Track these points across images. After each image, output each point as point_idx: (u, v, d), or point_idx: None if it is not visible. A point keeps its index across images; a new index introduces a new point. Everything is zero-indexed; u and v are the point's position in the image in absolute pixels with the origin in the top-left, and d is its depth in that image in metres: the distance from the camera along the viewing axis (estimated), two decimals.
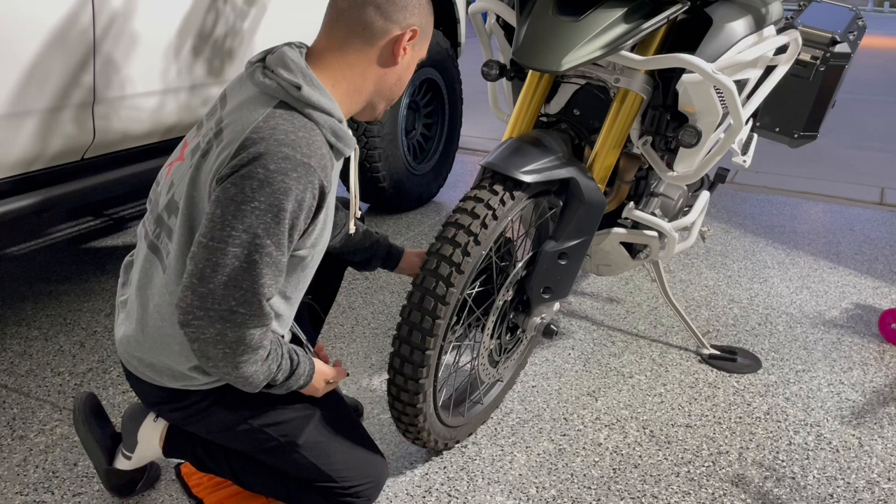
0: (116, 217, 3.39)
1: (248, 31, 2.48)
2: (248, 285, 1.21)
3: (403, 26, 1.32)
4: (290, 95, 1.26)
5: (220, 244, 1.19)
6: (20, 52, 1.86)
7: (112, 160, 2.25)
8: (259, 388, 1.34)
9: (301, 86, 1.26)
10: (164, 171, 1.45)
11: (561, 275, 1.79)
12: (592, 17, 1.68)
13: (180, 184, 1.33)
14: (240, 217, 1.18)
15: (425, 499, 1.76)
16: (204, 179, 1.26)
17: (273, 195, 1.18)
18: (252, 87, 1.30)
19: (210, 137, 1.30)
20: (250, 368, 1.27)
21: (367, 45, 1.32)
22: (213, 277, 1.19)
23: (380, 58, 1.34)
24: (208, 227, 1.20)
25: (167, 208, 1.36)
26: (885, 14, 23.69)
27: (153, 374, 1.42)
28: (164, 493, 1.74)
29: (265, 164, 1.18)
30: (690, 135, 1.80)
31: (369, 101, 1.40)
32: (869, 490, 1.85)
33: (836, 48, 2.56)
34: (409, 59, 1.38)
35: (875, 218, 3.90)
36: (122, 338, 1.44)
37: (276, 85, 1.26)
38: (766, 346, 2.52)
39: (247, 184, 1.18)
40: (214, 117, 1.35)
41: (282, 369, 1.35)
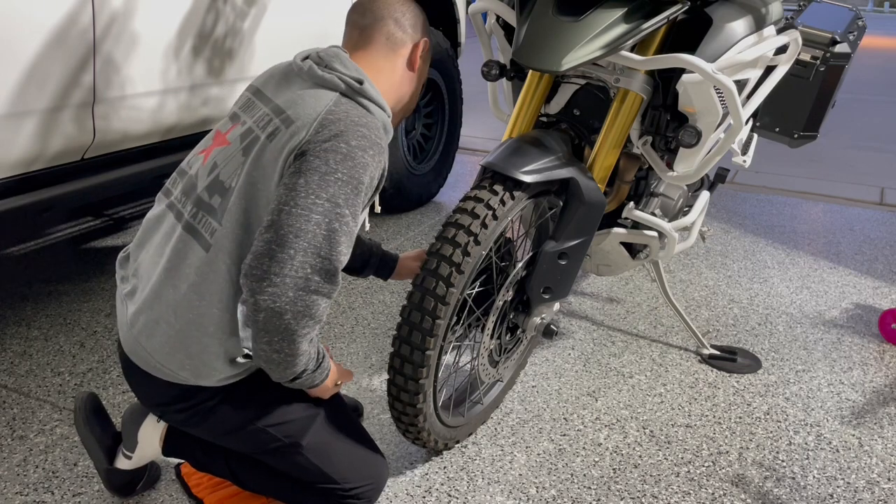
0: (116, 217, 3.40)
1: (248, 31, 2.48)
2: (326, 252, 1.25)
3: (417, 38, 1.49)
4: (352, 89, 1.36)
5: (305, 211, 1.23)
6: (20, 52, 1.86)
7: (112, 160, 2.25)
8: (292, 376, 1.33)
9: (363, 81, 1.37)
10: (195, 159, 1.46)
11: (561, 275, 1.79)
12: (592, 18, 1.68)
13: (229, 165, 1.36)
14: (324, 186, 1.24)
15: (425, 499, 1.76)
16: (273, 158, 1.30)
17: (354, 168, 1.27)
18: (307, 80, 1.38)
19: (274, 121, 1.34)
20: (304, 346, 1.28)
21: (393, 52, 1.45)
22: (295, 243, 1.22)
23: (403, 66, 1.49)
24: (291, 196, 1.24)
25: (209, 189, 1.38)
26: (885, 14, 23.70)
27: (172, 365, 1.38)
28: (164, 493, 1.74)
29: (347, 140, 1.27)
30: (690, 135, 1.80)
31: (397, 109, 1.52)
32: (869, 490, 1.85)
33: (836, 48, 2.56)
34: (421, 71, 1.52)
35: (875, 218, 3.91)
36: (141, 327, 1.40)
37: (336, 79, 1.35)
38: (766, 346, 2.52)
39: (331, 156, 1.26)
40: (261, 107, 1.40)
41: (312, 358, 1.36)
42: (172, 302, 1.37)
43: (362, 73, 1.40)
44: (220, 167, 1.38)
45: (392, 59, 1.47)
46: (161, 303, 1.38)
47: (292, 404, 1.48)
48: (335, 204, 1.25)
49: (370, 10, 1.47)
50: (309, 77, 1.38)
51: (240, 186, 1.33)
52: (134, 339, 1.42)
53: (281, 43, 2.64)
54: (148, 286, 1.41)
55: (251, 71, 2.55)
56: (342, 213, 1.26)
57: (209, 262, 1.35)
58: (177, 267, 1.38)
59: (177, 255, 1.38)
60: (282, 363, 1.31)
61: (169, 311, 1.38)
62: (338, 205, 1.25)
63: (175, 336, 1.37)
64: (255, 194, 1.32)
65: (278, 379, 1.36)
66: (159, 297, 1.39)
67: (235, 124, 1.42)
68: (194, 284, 1.36)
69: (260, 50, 2.55)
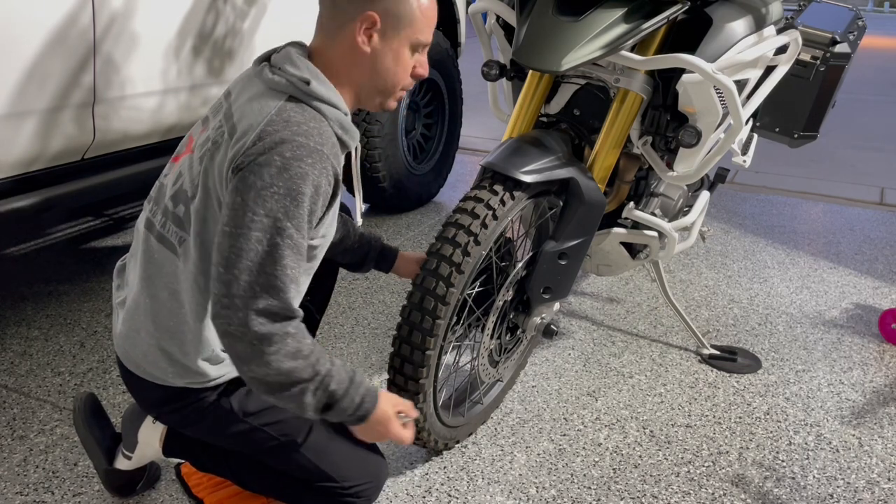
0: (116, 217, 3.39)
1: (248, 31, 2.48)
2: (271, 269, 1.21)
3: (359, 14, 1.32)
4: (299, 90, 1.30)
5: (243, 230, 1.21)
6: (20, 52, 1.86)
7: (112, 160, 2.25)
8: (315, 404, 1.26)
9: (310, 81, 1.31)
10: (169, 167, 1.47)
11: (561, 275, 1.79)
12: (592, 18, 1.68)
13: (189, 173, 1.36)
14: (260, 202, 1.21)
15: (425, 499, 1.76)
16: (218, 170, 1.29)
17: (291, 180, 1.22)
18: (260, 84, 1.34)
19: (222, 129, 1.33)
20: (286, 363, 1.21)
21: (342, 31, 1.34)
22: (237, 263, 1.20)
23: (351, 45, 1.34)
24: (230, 216, 1.22)
25: (174, 198, 1.38)
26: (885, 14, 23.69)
27: (157, 371, 1.41)
28: (164, 493, 1.74)
29: (281, 152, 1.22)
30: (690, 135, 1.80)
31: (363, 92, 1.40)
32: (869, 490, 1.85)
33: (836, 48, 2.56)
34: (383, 48, 1.35)
35: (875, 218, 3.90)
36: (125, 335, 1.44)
37: (284, 81, 1.31)
38: (766, 346, 2.52)
39: (265, 171, 1.21)
40: (222, 111, 1.38)
41: (334, 377, 1.27)
42: (150, 311, 1.39)
43: (312, 71, 1.32)
44: (184, 176, 1.38)
45: (342, 40, 1.34)
46: (140, 312, 1.41)
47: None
48: (274, 219, 1.21)
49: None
50: (261, 81, 1.34)
51: (198, 198, 1.33)
52: (122, 347, 1.45)
53: (281, 43, 2.64)
54: (131, 298, 1.44)
55: None
56: (283, 227, 1.21)
57: (182, 270, 1.36)
58: (153, 277, 1.39)
59: (151, 264, 1.40)
60: (273, 386, 1.23)
61: (148, 320, 1.40)
62: (277, 219, 1.21)
63: (155, 345, 1.40)
64: (209, 205, 1.32)
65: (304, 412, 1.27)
66: (138, 307, 1.41)
67: (204, 129, 1.42)
68: (175, 292, 1.38)
69: (260, 50, 2.55)
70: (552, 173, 1.70)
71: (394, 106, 1.45)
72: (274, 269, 1.21)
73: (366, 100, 1.42)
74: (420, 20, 1.36)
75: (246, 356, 1.21)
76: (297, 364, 1.23)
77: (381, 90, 1.41)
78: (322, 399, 1.27)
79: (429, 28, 1.38)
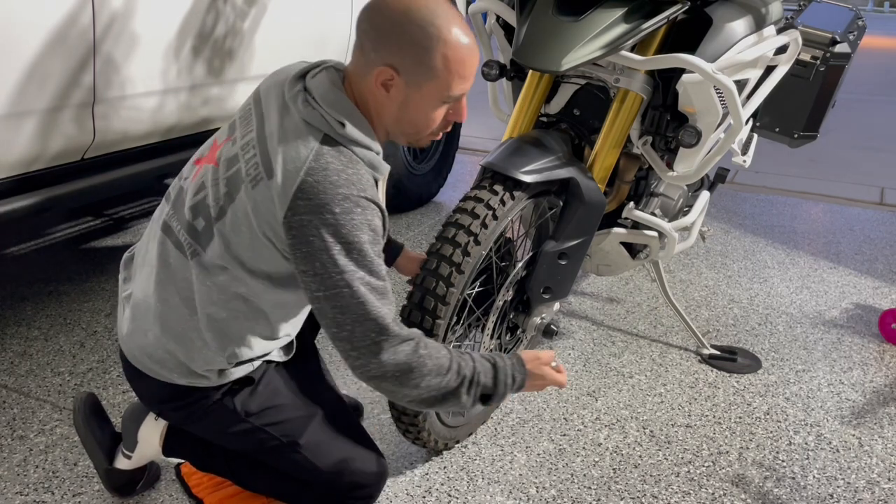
0: (116, 217, 3.39)
1: (248, 31, 2.48)
2: (372, 313, 1.28)
3: (379, 63, 1.29)
4: (335, 131, 1.30)
5: (332, 291, 1.26)
6: (20, 52, 1.85)
7: (112, 160, 2.25)
8: (473, 401, 1.38)
9: (345, 124, 1.30)
10: (190, 169, 1.45)
11: (561, 275, 1.79)
12: (592, 17, 1.68)
13: (213, 190, 1.35)
14: (332, 263, 1.26)
15: (425, 499, 1.76)
16: (263, 210, 1.29)
17: (349, 234, 1.26)
18: (296, 115, 1.32)
19: (255, 162, 1.31)
20: (433, 381, 1.32)
21: (368, 73, 1.31)
22: (345, 321, 1.28)
23: (374, 90, 1.32)
24: (315, 281, 1.27)
25: (193, 209, 1.37)
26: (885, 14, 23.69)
27: (162, 370, 1.41)
28: (164, 493, 1.74)
29: (331, 210, 1.24)
30: (690, 135, 1.80)
31: (391, 130, 1.39)
32: (869, 490, 1.85)
33: (836, 48, 2.56)
34: (405, 99, 1.32)
35: (875, 218, 3.90)
36: (131, 334, 1.43)
37: (320, 118, 1.30)
38: (766, 346, 2.52)
39: (321, 233, 1.25)
40: (252, 129, 1.36)
41: (480, 372, 1.38)
42: (160, 315, 1.39)
43: (347, 109, 1.31)
44: (207, 190, 1.37)
45: (367, 83, 1.32)
46: (150, 314, 1.41)
47: (289, 406, 1.49)
48: (352, 273, 1.27)
49: (359, 16, 1.33)
50: (296, 110, 1.31)
51: (227, 222, 1.33)
52: (128, 344, 1.45)
53: (281, 43, 2.64)
54: (140, 296, 1.44)
55: (251, 71, 2.55)
56: (360, 277, 1.27)
57: (197, 281, 1.36)
58: (165, 281, 1.39)
59: (166, 268, 1.39)
60: (431, 402, 1.35)
61: (156, 323, 1.40)
62: (352, 272, 1.27)
63: (162, 347, 1.40)
64: (239, 231, 1.32)
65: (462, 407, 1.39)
66: (148, 309, 1.41)
67: (230, 138, 1.40)
68: (187, 299, 1.38)
69: (260, 50, 2.55)
70: (552, 173, 1.70)
71: (425, 144, 1.44)
72: (372, 313, 1.28)
73: (394, 137, 1.41)
74: (447, 76, 1.30)
75: (397, 389, 1.32)
76: (443, 379, 1.33)
77: (408, 134, 1.40)
78: (477, 394, 1.38)
79: (461, 82, 1.32)
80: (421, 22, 1.27)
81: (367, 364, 1.30)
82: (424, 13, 1.27)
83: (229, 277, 1.35)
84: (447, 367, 1.34)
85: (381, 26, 1.28)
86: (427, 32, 1.27)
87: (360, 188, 1.27)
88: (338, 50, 2.93)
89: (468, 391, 1.37)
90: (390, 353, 1.29)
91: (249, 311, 1.39)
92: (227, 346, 1.39)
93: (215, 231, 1.34)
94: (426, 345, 1.33)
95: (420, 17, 1.27)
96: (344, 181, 1.26)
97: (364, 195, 1.28)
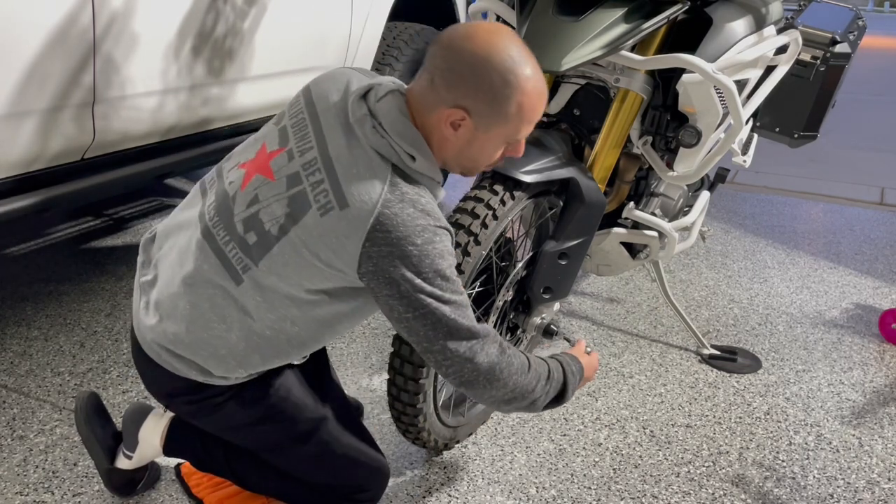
0: (116, 217, 3.39)
1: (248, 31, 2.48)
2: (463, 325, 1.34)
3: (451, 103, 1.29)
4: (404, 163, 1.31)
5: (422, 310, 1.31)
6: (20, 52, 1.85)
7: (112, 160, 2.25)
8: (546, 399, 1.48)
9: (416, 158, 1.31)
10: (235, 172, 1.41)
11: (561, 275, 1.79)
12: (592, 17, 1.68)
13: (269, 209, 1.33)
14: (418, 289, 1.29)
15: (425, 499, 1.76)
16: (328, 239, 1.29)
17: (433, 263, 1.30)
18: (364, 140, 1.31)
19: (324, 185, 1.29)
20: (520, 379, 1.41)
21: (436, 109, 1.31)
22: (437, 336, 1.33)
23: (439, 126, 1.33)
24: (402, 304, 1.31)
25: (246, 223, 1.34)
26: (885, 14, 23.69)
27: (180, 365, 1.40)
28: (164, 493, 1.74)
29: (412, 241, 1.28)
30: (690, 135, 1.80)
31: (448, 161, 1.39)
32: (869, 490, 1.85)
33: (837, 48, 2.56)
34: (470, 139, 1.33)
35: (875, 218, 3.90)
36: (151, 328, 1.41)
37: (390, 149, 1.30)
38: (766, 346, 2.52)
39: (405, 263, 1.28)
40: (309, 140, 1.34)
41: (553, 372, 1.48)
42: (187, 318, 1.37)
43: (416, 141, 1.31)
44: (262, 205, 1.34)
45: (433, 117, 1.32)
46: (176, 314, 1.38)
47: (300, 405, 1.48)
48: (438, 297, 1.31)
49: (432, 49, 1.31)
50: (364, 136, 1.31)
51: (282, 243, 1.31)
52: (143, 333, 1.43)
53: (281, 43, 2.64)
54: (165, 290, 1.40)
55: (251, 71, 2.55)
56: (448, 299, 1.32)
57: (239, 294, 1.35)
58: (198, 285, 1.37)
59: (201, 273, 1.37)
60: (513, 401, 1.42)
61: (181, 325, 1.37)
62: (440, 294, 1.31)
63: (185, 348, 1.39)
64: (298, 256, 1.31)
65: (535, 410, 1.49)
66: (175, 308, 1.38)
67: (283, 149, 1.36)
68: (216, 307, 1.36)
69: (260, 50, 2.55)
70: (552, 173, 1.69)
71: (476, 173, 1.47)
72: (461, 324, 1.34)
73: (449, 167, 1.42)
74: (518, 122, 1.32)
75: (485, 390, 1.39)
76: (525, 377, 1.42)
77: (464, 167, 1.41)
78: (552, 394, 1.49)
79: (528, 126, 1.35)
80: (501, 69, 1.26)
81: (461, 370, 1.36)
82: (505, 60, 1.27)
83: (282, 295, 1.34)
84: (528, 365, 1.43)
85: (459, 68, 1.27)
86: (506, 80, 1.27)
87: (434, 218, 1.31)
88: (338, 50, 2.94)
89: (545, 387, 1.46)
90: (482, 355, 1.36)
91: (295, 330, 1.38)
92: (252, 362, 1.39)
93: (274, 248, 1.32)
94: (508, 344, 1.41)
95: (501, 64, 1.26)
96: (420, 213, 1.29)
97: (439, 224, 1.32)
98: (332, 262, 1.30)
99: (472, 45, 1.27)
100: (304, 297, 1.34)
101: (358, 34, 3.02)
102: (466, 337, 1.34)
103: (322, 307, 1.36)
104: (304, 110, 1.40)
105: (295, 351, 1.42)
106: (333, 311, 1.38)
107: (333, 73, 1.44)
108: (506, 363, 1.39)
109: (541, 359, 1.50)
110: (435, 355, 1.35)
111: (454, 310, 1.33)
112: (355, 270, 1.30)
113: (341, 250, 1.29)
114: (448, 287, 1.32)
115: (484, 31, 1.28)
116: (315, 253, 1.30)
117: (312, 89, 1.42)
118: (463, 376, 1.36)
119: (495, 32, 1.28)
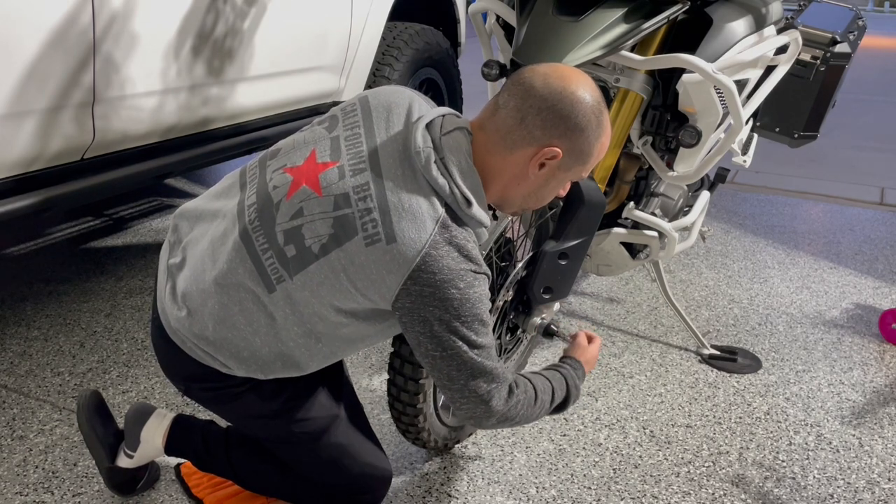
0: (116, 217, 3.39)
1: (248, 31, 2.48)
2: (487, 368, 1.36)
3: (546, 142, 1.31)
4: (460, 207, 1.31)
5: (450, 352, 1.32)
6: (20, 52, 1.86)
7: (112, 160, 2.25)
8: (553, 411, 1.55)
9: (472, 203, 1.31)
10: (279, 176, 1.37)
11: (561, 275, 1.79)
12: (592, 17, 1.68)
13: (314, 226, 1.30)
14: (452, 331, 1.31)
15: (425, 499, 1.76)
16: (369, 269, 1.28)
17: (473, 307, 1.31)
18: (421, 175, 1.29)
19: (376, 224, 1.27)
20: (528, 412, 1.45)
21: (518, 148, 1.32)
22: (459, 377, 1.35)
23: (521, 166, 1.34)
24: (432, 343, 1.32)
25: (287, 234, 1.32)
26: (885, 14, 23.69)
27: (203, 354, 1.39)
28: (164, 493, 1.74)
29: (455, 285, 1.28)
30: (690, 135, 1.80)
31: (508, 200, 1.41)
32: (869, 490, 1.85)
33: (837, 48, 2.56)
34: (549, 178, 1.36)
35: (875, 218, 3.90)
36: (176, 317, 1.40)
37: (448, 191, 1.30)
38: (766, 346, 2.52)
39: (447, 305, 1.29)
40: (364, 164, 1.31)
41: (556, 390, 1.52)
42: (216, 317, 1.36)
43: (475, 185, 1.32)
44: (306, 219, 1.31)
45: (512, 157, 1.33)
46: (205, 309, 1.37)
47: (317, 402, 1.49)
48: (471, 342, 1.32)
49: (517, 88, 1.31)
50: (423, 170, 1.28)
51: (321, 262, 1.30)
52: (169, 319, 1.42)
53: (281, 43, 2.64)
54: (195, 284, 1.39)
55: (251, 71, 2.55)
56: (479, 343, 1.33)
57: (270, 302, 1.34)
58: (230, 287, 1.35)
59: (234, 276, 1.35)
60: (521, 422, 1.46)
61: (209, 322, 1.37)
62: (473, 342, 1.32)
63: (208, 343, 1.38)
64: (339, 279, 1.30)
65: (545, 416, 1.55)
66: (204, 304, 1.37)
67: (334, 163, 1.33)
68: (246, 311, 1.35)
69: (260, 50, 2.55)
70: None
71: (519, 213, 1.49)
72: (486, 368, 1.35)
73: (505, 206, 1.43)
74: (593, 160, 1.38)
75: (493, 426, 1.43)
76: (531, 410, 1.46)
77: (523, 206, 1.43)
78: (557, 403, 1.53)
79: (596, 164, 1.41)
80: (597, 111, 1.32)
81: (474, 409, 1.38)
82: (599, 103, 1.32)
83: (312, 311, 1.33)
84: (535, 397, 1.47)
85: (560, 108, 1.29)
86: (599, 121, 1.33)
87: (478, 263, 1.32)
88: (338, 50, 2.94)
89: (548, 410, 1.51)
90: (497, 399, 1.38)
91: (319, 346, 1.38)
92: (273, 368, 1.39)
93: (312, 266, 1.30)
94: (517, 382, 1.44)
95: (596, 106, 1.31)
96: (465, 257, 1.30)
97: (482, 270, 1.33)
98: (368, 292, 1.30)
99: (569, 85, 1.30)
100: (332, 316, 1.34)
101: (358, 34, 3.02)
102: (488, 380, 1.36)
103: (349, 327, 1.36)
104: (361, 124, 1.37)
105: (314, 364, 1.42)
106: (359, 332, 1.38)
107: (395, 89, 1.42)
108: (514, 404, 1.41)
109: (545, 378, 1.51)
110: (453, 392, 1.37)
111: (481, 353, 1.34)
112: (390, 303, 1.30)
113: (380, 283, 1.28)
114: (483, 331, 1.34)
115: (573, 73, 1.33)
116: (353, 280, 1.29)
117: (371, 101, 1.40)
118: (475, 414, 1.39)
119: (582, 74, 1.33)
